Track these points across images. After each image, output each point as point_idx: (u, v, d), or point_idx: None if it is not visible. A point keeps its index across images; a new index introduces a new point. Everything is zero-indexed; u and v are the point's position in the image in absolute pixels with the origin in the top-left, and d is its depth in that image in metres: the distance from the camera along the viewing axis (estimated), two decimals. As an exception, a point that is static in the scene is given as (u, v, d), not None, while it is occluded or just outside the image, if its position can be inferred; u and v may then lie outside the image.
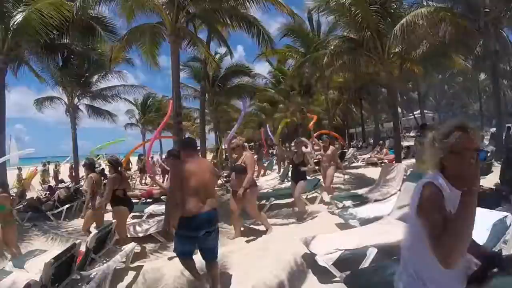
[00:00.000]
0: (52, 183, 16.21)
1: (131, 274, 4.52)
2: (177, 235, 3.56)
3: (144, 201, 8.72)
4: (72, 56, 12.52)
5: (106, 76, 14.92)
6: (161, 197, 8.15)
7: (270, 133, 18.50)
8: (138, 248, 5.33)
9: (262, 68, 79.02)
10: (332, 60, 11.91)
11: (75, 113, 14.41)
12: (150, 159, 9.65)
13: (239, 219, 5.75)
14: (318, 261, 3.59)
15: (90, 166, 6.08)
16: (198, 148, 4.88)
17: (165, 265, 4.68)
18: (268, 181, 10.46)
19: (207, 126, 21.43)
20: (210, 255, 3.60)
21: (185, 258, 3.64)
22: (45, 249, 5.27)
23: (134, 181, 15.85)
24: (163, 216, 6.13)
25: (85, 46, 12.15)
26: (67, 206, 9.05)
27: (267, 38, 9.60)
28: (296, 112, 24.30)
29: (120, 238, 5.19)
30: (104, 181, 5.91)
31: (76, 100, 14.53)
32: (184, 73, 16.02)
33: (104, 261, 4.25)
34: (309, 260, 4.12)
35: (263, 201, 7.54)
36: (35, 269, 3.99)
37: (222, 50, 15.82)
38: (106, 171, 9.81)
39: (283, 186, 9.29)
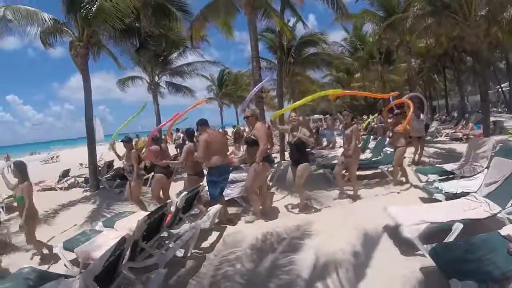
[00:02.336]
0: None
1: (214, 235, 4.89)
2: (210, 182, 5.12)
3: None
4: (149, 37, 13.22)
5: (184, 54, 15.79)
6: (241, 165, 8.40)
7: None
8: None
9: (337, 36, 75.49)
10: (415, 24, 10.92)
11: (156, 90, 15.55)
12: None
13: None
14: (403, 231, 3.47)
15: (129, 141, 6.46)
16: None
17: (245, 228, 4.97)
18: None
19: (284, 97, 21.08)
20: (222, 192, 5.26)
21: (218, 198, 5.12)
22: (133, 211, 5.79)
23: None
24: (244, 182, 6.38)
25: (161, 28, 12.77)
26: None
27: (342, 5, 9.17)
28: (375, 81, 22.89)
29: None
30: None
31: (156, 78, 15.63)
32: (260, 45, 15.95)
33: (191, 221, 4.52)
34: (391, 232, 4.04)
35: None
36: (123, 228, 4.39)
37: (294, 19, 15.44)
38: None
39: (363, 157, 8.96)
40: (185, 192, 4.52)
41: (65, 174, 12.80)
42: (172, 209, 4.47)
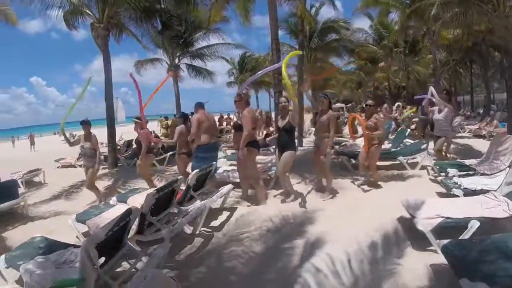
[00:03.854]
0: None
1: (225, 214, 4.91)
2: (196, 157, 5.60)
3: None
4: (170, 19, 13.22)
5: (205, 36, 15.65)
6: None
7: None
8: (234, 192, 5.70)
9: (362, 24, 73.25)
10: (440, 12, 10.52)
11: (176, 72, 15.55)
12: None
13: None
14: (416, 224, 3.33)
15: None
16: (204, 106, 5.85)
17: (257, 210, 4.93)
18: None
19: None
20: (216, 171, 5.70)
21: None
22: (146, 188, 5.92)
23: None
24: (262, 165, 6.62)
25: (182, 9, 12.66)
26: (170, 153, 9.97)
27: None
28: (399, 71, 22.08)
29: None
30: None
31: (177, 60, 15.61)
32: (280, 31, 15.72)
33: (202, 199, 4.53)
34: (405, 224, 3.89)
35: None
36: (135, 203, 4.38)
37: (318, 3, 15.05)
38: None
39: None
40: (197, 170, 4.49)
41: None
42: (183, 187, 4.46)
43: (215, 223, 4.57)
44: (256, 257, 3.54)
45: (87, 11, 10.53)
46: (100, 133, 10.32)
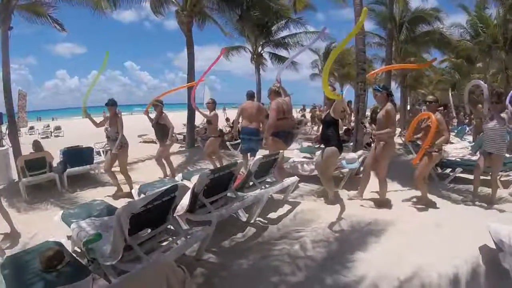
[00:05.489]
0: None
1: (285, 207, 4.54)
2: (241, 138, 6.23)
3: (317, 145, 8.58)
4: (251, 6, 13.03)
5: (287, 25, 15.20)
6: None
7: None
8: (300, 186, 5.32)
9: (461, 18, 64.87)
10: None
11: (259, 61, 15.56)
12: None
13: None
14: (501, 260, 2.60)
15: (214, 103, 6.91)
16: (254, 96, 6.47)
17: (321, 208, 4.45)
18: (458, 149, 8.45)
19: (392, 81, 18.98)
20: (254, 153, 5.96)
21: (246, 152, 6.05)
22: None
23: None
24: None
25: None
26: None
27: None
28: (497, 74, 18.84)
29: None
30: None
31: (260, 48, 15.52)
32: (368, 20, 14.72)
33: (264, 188, 4.26)
34: (488, 255, 2.97)
35: (448, 170, 6.16)
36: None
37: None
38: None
39: (474, 158, 7.29)
40: (260, 157, 4.19)
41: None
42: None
43: (273, 215, 4.25)
44: (306, 262, 3.09)
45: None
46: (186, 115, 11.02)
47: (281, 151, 4.80)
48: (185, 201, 3.23)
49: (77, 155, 7.10)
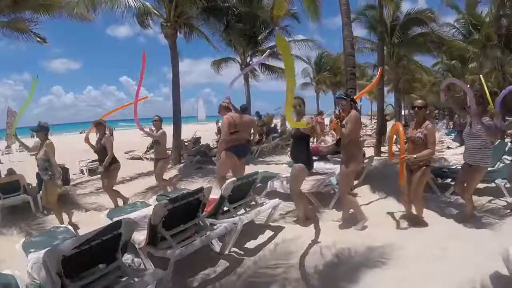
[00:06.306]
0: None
1: (266, 234, 4.03)
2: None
3: None
4: (237, 16, 12.71)
5: (273, 33, 14.84)
6: (327, 155, 7.18)
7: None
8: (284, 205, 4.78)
9: (448, 17, 64.72)
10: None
11: (248, 71, 15.17)
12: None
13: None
14: None
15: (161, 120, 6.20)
16: (247, 110, 6.18)
17: (305, 235, 3.90)
18: (457, 155, 7.75)
19: (386, 86, 18.44)
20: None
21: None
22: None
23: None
24: (325, 175, 5.46)
25: (249, 6, 12.29)
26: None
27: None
28: (491, 73, 18.42)
29: None
30: None
31: (248, 59, 15.19)
32: (358, 25, 14.46)
33: (240, 213, 3.82)
34: (499, 284, 2.57)
35: (449, 180, 5.61)
36: None
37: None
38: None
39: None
40: (233, 179, 3.72)
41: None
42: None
43: (251, 244, 3.73)
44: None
45: (155, 11, 10.75)
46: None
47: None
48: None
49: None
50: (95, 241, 2.21)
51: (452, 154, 8.12)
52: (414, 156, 3.70)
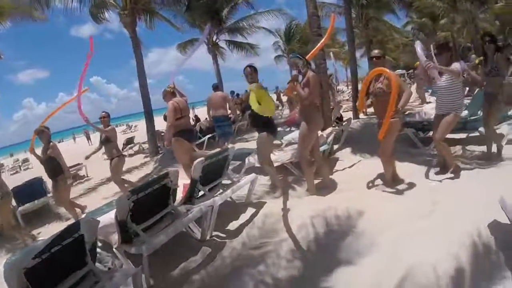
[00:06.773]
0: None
1: (249, 212, 3.81)
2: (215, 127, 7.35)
3: (287, 129, 8.24)
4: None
5: (235, 7, 14.49)
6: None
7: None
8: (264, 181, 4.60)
9: None
10: None
11: (216, 51, 14.78)
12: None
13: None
14: None
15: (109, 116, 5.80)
16: (218, 88, 7.38)
17: (289, 207, 3.66)
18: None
19: (358, 50, 18.26)
20: (229, 136, 7.28)
21: (222, 138, 7.21)
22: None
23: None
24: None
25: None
26: (208, 136, 9.25)
27: None
28: (463, 29, 18.41)
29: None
30: None
31: (214, 37, 14.70)
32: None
33: (216, 195, 3.56)
34: (501, 233, 2.41)
35: (431, 133, 5.47)
36: None
37: None
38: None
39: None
40: (201, 159, 3.44)
41: (129, 141, 13.17)
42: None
43: (234, 225, 3.52)
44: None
45: (111, 1, 10.27)
46: (156, 122, 10.29)
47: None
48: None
49: (26, 192, 6.49)
50: (55, 247, 2.01)
51: (432, 108, 8.04)
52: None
